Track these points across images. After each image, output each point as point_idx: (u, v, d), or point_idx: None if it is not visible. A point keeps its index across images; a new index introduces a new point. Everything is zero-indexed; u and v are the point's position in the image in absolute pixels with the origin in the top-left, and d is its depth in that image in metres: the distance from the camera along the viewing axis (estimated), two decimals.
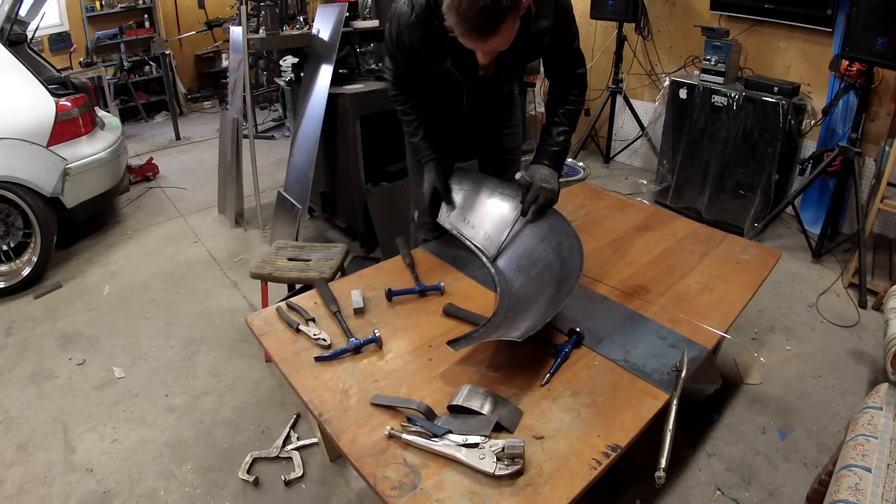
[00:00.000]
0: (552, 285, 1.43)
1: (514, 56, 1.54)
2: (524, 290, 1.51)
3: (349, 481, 1.77)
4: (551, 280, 1.46)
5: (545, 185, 1.62)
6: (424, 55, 1.58)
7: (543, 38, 1.52)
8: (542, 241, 1.60)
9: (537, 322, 1.25)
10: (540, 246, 1.60)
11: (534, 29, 1.48)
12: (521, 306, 1.43)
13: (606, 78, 4.35)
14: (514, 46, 1.43)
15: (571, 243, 1.51)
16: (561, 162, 1.72)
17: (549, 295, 1.39)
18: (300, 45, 3.30)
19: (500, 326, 1.37)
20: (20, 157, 2.86)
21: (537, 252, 1.59)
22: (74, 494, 1.75)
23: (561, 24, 1.54)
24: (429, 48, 1.54)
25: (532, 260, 1.58)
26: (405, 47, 1.59)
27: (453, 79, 1.62)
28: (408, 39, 1.56)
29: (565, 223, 1.60)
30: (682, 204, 3.64)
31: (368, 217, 2.99)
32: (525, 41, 1.47)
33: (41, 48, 5.37)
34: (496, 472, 1.01)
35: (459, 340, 1.26)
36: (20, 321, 2.68)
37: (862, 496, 1.20)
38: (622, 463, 1.12)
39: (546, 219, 1.65)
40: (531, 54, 1.65)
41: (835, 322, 2.54)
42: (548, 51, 1.61)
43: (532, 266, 1.57)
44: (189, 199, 4.11)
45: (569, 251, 1.50)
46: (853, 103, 2.96)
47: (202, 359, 2.38)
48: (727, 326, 1.48)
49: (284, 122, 5.75)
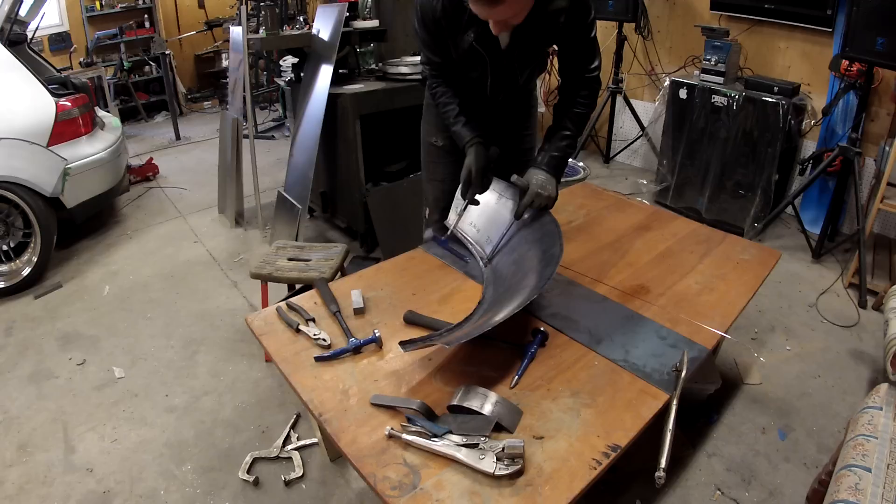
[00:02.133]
0: (532, 273, 1.42)
1: (529, 34, 1.55)
2: (502, 293, 1.50)
3: (349, 481, 1.77)
4: (530, 269, 1.45)
5: (541, 192, 1.61)
6: (447, 28, 1.59)
7: (559, 19, 1.52)
8: (531, 248, 1.59)
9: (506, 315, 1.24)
10: (529, 253, 1.58)
11: (550, 7, 1.48)
12: (496, 308, 1.42)
13: (606, 78, 4.35)
14: (529, 24, 1.44)
15: (553, 242, 1.50)
16: (562, 168, 1.70)
17: (529, 285, 1.38)
18: (300, 45, 3.30)
19: (466, 327, 1.35)
20: (20, 157, 2.86)
21: (526, 258, 1.57)
22: (74, 494, 1.75)
23: (578, 8, 1.53)
24: (451, 20, 1.55)
25: (520, 266, 1.57)
26: (430, 23, 1.60)
27: (476, 55, 1.61)
28: (430, 14, 1.57)
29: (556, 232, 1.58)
30: (682, 204, 3.64)
31: (368, 217, 2.99)
32: (540, 19, 1.48)
33: (41, 48, 5.37)
34: (496, 472, 1.01)
35: (413, 342, 1.26)
36: (20, 321, 2.68)
37: (862, 496, 1.20)
38: (622, 463, 1.12)
39: (543, 226, 1.63)
40: (546, 36, 1.62)
41: (835, 322, 2.54)
42: (562, 35, 1.59)
43: (517, 271, 1.55)
44: (189, 199, 4.11)
45: (549, 242, 1.50)
46: (853, 103, 2.96)
47: (202, 359, 2.38)
48: (727, 326, 1.48)
49: (284, 122, 5.75)
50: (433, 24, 1.60)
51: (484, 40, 1.57)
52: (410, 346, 1.26)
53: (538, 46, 1.68)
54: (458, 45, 1.62)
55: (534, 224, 1.65)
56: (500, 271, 1.62)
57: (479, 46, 1.59)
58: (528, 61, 1.71)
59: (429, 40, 1.67)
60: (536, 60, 1.75)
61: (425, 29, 1.64)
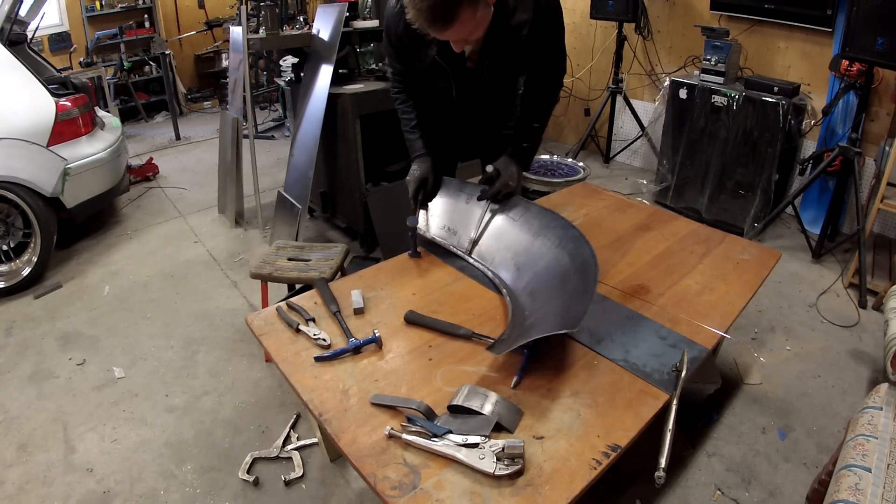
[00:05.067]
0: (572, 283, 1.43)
1: (493, 49, 1.56)
2: (535, 286, 1.51)
3: (349, 481, 1.77)
4: (566, 275, 1.46)
5: (510, 182, 1.68)
6: (410, 45, 1.62)
7: (521, 32, 1.52)
8: (537, 238, 1.62)
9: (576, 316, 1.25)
10: (536, 242, 1.61)
11: (512, 22, 1.49)
12: (540, 306, 1.42)
13: (606, 78, 4.35)
14: (491, 39, 1.46)
15: (579, 243, 1.53)
16: (530, 159, 1.78)
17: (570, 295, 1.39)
18: (300, 45, 3.30)
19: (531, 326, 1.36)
20: (20, 157, 2.86)
21: (535, 247, 1.61)
22: (74, 494, 1.75)
23: (544, 18, 1.54)
24: (413, 37, 1.56)
25: (531, 256, 1.60)
26: (394, 38, 1.65)
27: (439, 68, 1.64)
28: (394, 30, 1.61)
29: (557, 217, 1.63)
30: (682, 204, 3.64)
31: (368, 217, 2.99)
32: (502, 33, 1.49)
33: (41, 48, 5.37)
34: (496, 472, 1.01)
35: (499, 344, 1.28)
36: (20, 321, 2.68)
37: (862, 496, 1.20)
38: (622, 463, 1.12)
39: (536, 216, 1.67)
40: (511, 48, 1.62)
41: (835, 322, 2.54)
42: (529, 45, 1.60)
43: (533, 262, 1.58)
44: (189, 199, 4.11)
45: (576, 247, 1.51)
46: (853, 103, 2.96)
47: (202, 359, 2.38)
48: (727, 326, 1.48)
49: (284, 122, 5.75)
50: (396, 39, 1.65)
51: (447, 55, 1.58)
52: (500, 349, 1.27)
53: (504, 59, 1.68)
54: (422, 59, 1.65)
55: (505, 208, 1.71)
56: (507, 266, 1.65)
57: (441, 61, 1.61)
58: (497, 71, 1.71)
59: (392, 52, 1.73)
60: (508, 70, 1.76)
61: (389, 42, 1.69)
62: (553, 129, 5.07)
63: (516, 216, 1.72)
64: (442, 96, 1.78)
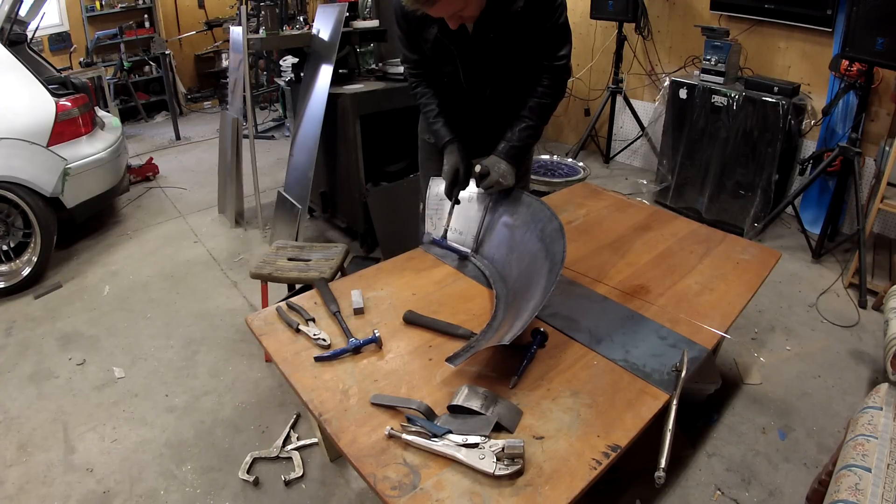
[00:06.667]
0: (541, 278, 1.43)
1: (488, 24, 1.56)
2: (518, 285, 1.52)
3: (349, 481, 1.77)
4: (539, 271, 1.46)
5: (501, 181, 1.66)
6: (414, 22, 1.63)
7: (516, 4, 1.51)
8: (525, 229, 1.62)
9: (525, 321, 1.24)
10: (526, 235, 1.61)
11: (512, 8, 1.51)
12: (516, 303, 1.43)
13: (606, 78, 4.35)
14: (487, 14, 1.49)
15: (554, 227, 1.52)
16: (521, 158, 1.72)
17: (539, 289, 1.39)
18: (300, 45, 3.30)
19: (497, 328, 1.37)
20: (20, 157, 2.86)
21: (523, 241, 1.61)
22: (74, 494, 1.75)
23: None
24: (415, 18, 1.57)
25: (519, 250, 1.60)
26: (401, 20, 1.66)
27: (444, 48, 1.64)
28: (400, 9, 1.60)
29: (545, 207, 1.63)
30: (682, 204, 3.64)
31: (368, 217, 2.99)
32: (496, 8, 1.51)
33: (41, 48, 5.37)
34: (496, 472, 1.01)
35: (458, 356, 1.26)
36: (20, 321, 2.68)
37: (862, 496, 1.20)
38: (622, 463, 1.12)
39: (526, 206, 1.68)
40: (508, 24, 1.58)
41: (835, 322, 2.54)
42: (525, 21, 1.56)
43: (521, 256, 1.58)
44: (189, 199, 4.11)
45: (551, 237, 1.50)
46: (853, 103, 2.96)
47: (202, 359, 2.38)
48: (727, 326, 1.48)
49: (284, 122, 5.75)
50: (403, 19, 1.66)
51: (448, 32, 1.58)
52: (458, 360, 1.24)
53: (504, 36, 1.62)
54: (426, 39, 1.66)
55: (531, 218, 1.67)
56: (501, 258, 1.66)
57: (444, 38, 1.62)
58: (500, 52, 1.66)
59: (403, 37, 1.73)
60: (514, 51, 1.69)
61: (398, 26, 1.70)
62: (553, 128, 5.07)
63: (512, 212, 1.72)
64: (453, 86, 1.77)
